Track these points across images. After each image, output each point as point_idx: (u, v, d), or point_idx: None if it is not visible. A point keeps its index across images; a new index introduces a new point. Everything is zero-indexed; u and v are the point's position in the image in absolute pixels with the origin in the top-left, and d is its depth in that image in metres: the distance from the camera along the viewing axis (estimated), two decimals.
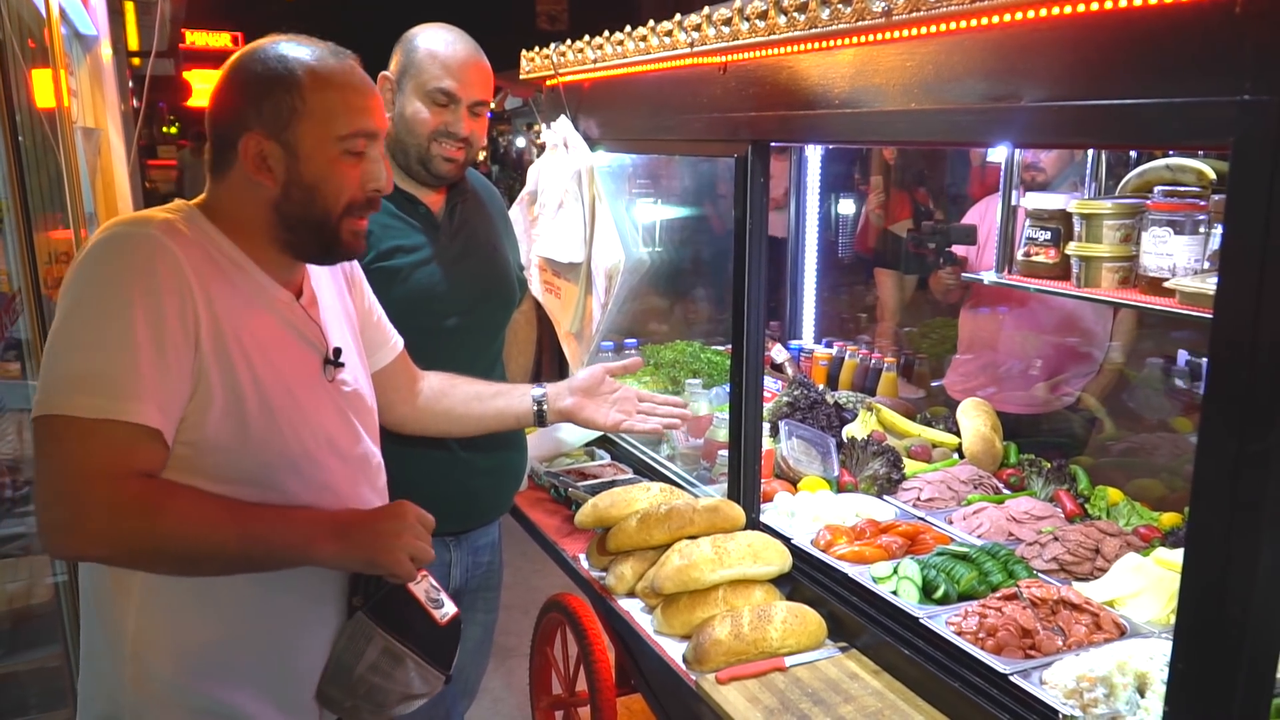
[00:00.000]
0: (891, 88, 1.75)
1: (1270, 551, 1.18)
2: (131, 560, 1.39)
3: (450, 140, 2.19)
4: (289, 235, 1.51)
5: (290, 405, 1.49)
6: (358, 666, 1.52)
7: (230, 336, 1.42)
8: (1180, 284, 1.93)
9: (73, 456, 1.32)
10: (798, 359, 3.64)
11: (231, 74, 1.49)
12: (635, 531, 2.31)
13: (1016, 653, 1.76)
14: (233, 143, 1.47)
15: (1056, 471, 2.58)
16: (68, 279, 1.38)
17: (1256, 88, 1.13)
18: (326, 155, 1.48)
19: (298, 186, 1.48)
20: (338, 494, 1.56)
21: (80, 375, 1.33)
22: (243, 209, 1.50)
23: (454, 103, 2.18)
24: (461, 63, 2.18)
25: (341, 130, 1.48)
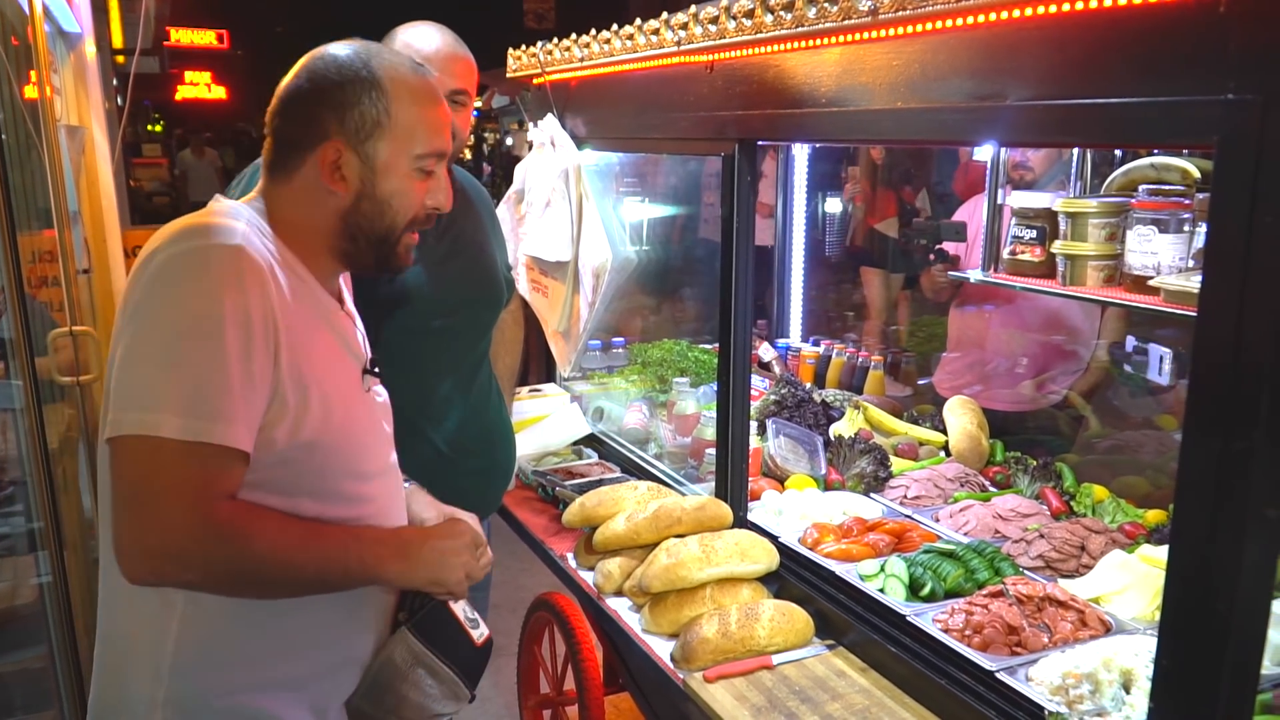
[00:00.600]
0: (878, 87, 1.76)
1: (1254, 548, 1.19)
2: (217, 585, 1.36)
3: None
4: (349, 245, 1.51)
5: (346, 418, 1.48)
6: (397, 681, 1.52)
7: (301, 352, 1.40)
8: (1165, 282, 1.94)
9: (165, 480, 1.28)
10: (785, 357, 3.64)
11: (310, 78, 1.46)
12: (623, 530, 2.31)
13: (1003, 650, 1.77)
14: (305, 148, 1.45)
15: (1042, 469, 2.59)
16: (145, 289, 1.33)
17: (1240, 86, 1.14)
18: (401, 170, 1.48)
19: (369, 199, 1.48)
20: (378, 506, 1.56)
21: (172, 394, 1.28)
22: (305, 215, 1.48)
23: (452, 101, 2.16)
24: (435, 52, 2.16)
25: (420, 149, 1.49)
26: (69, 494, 3.04)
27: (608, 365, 3.57)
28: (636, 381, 3.43)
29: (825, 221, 5.30)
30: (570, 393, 3.38)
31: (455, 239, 2.29)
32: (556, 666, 2.92)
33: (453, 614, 1.57)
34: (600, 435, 3.18)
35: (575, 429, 3.12)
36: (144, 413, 1.27)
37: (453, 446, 2.24)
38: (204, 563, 1.30)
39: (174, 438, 1.27)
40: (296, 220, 1.48)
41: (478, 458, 2.32)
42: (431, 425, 2.23)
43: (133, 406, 1.28)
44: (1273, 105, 1.10)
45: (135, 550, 1.29)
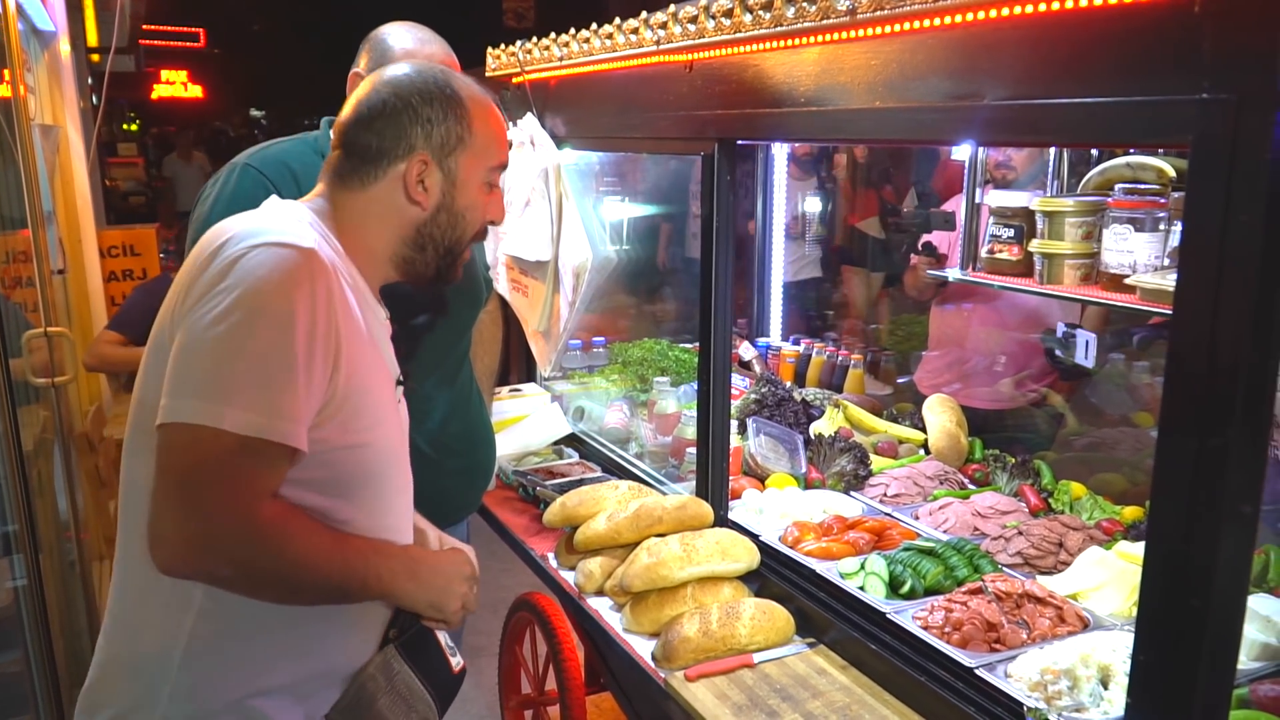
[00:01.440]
0: (856, 86, 1.76)
1: (1230, 544, 1.20)
2: (247, 583, 1.36)
3: None
4: (416, 254, 1.55)
5: (385, 429, 1.51)
6: (378, 697, 1.51)
7: (356, 358, 1.40)
8: (1141, 280, 1.96)
9: (217, 472, 1.27)
10: (765, 356, 3.65)
11: (396, 94, 1.50)
12: (604, 530, 2.31)
13: (982, 646, 1.78)
14: (389, 160, 1.49)
15: (1021, 467, 2.61)
16: (213, 280, 1.32)
17: (1214, 86, 1.15)
18: (476, 184, 1.55)
19: (448, 211, 1.53)
20: (398, 518, 1.57)
21: (237, 387, 1.28)
22: (378, 224, 1.52)
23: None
24: (438, 62, 2.16)
25: (492, 162, 1.57)
26: (44, 497, 3.01)
27: (588, 365, 3.57)
28: (617, 381, 3.43)
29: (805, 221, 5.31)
30: (551, 392, 3.37)
31: None
32: (538, 666, 2.92)
33: (436, 639, 1.58)
34: (581, 435, 3.17)
35: (556, 429, 3.12)
36: (207, 402, 1.27)
37: (434, 446, 2.23)
38: (242, 559, 1.30)
39: (235, 431, 1.26)
40: (366, 228, 1.52)
41: (459, 458, 2.31)
42: (413, 424, 2.22)
43: (194, 394, 1.28)
44: (1247, 105, 1.11)
45: (176, 538, 1.28)
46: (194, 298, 1.33)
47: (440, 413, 2.27)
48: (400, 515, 1.58)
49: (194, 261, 1.38)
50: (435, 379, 2.27)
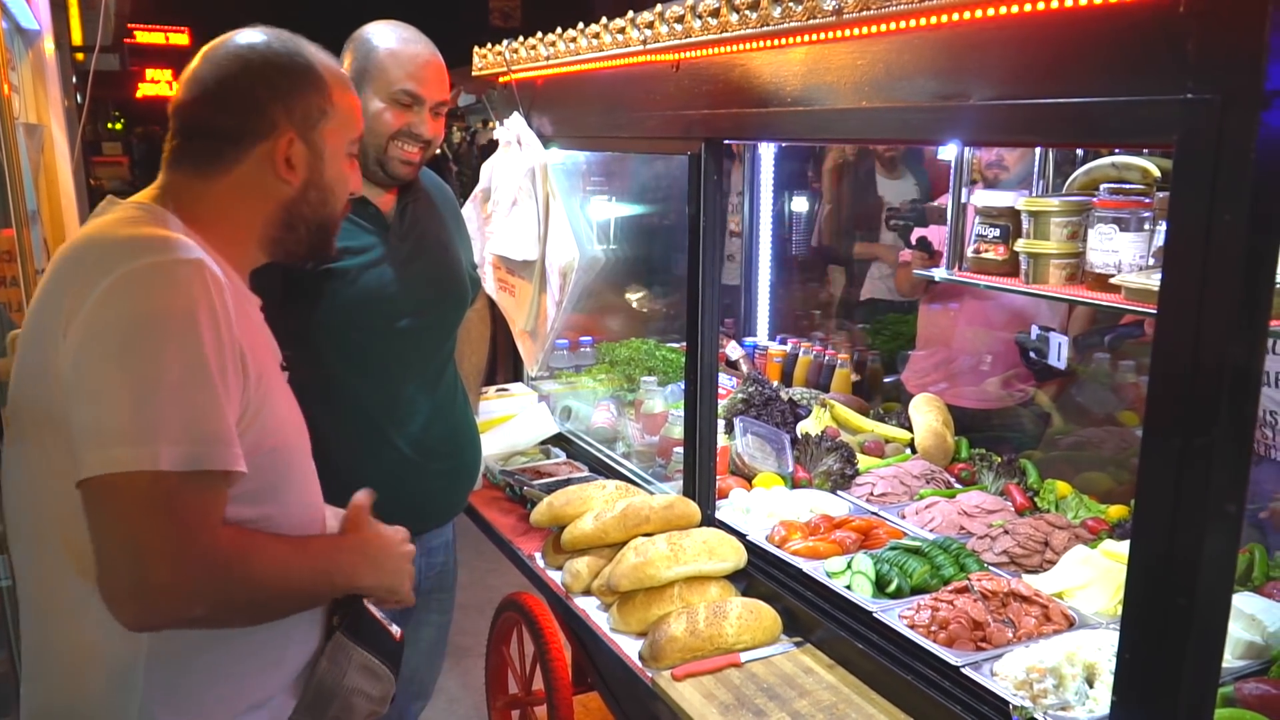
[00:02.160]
0: (843, 86, 1.76)
1: (1213, 542, 1.20)
2: (225, 617, 1.31)
3: (411, 141, 2.16)
4: (286, 234, 1.49)
5: (290, 418, 1.46)
6: (341, 684, 1.50)
7: (253, 358, 1.34)
8: (1126, 280, 1.96)
9: (167, 515, 1.20)
10: (752, 356, 3.65)
11: (245, 68, 1.41)
12: (591, 529, 2.30)
13: (968, 645, 1.78)
14: (251, 139, 1.41)
15: (1007, 466, 2.61)
16: (102, 308, 1.23)
17: (1199, 86, 1.15)
18: (341, 156, 1.50)
19: (316, 187, 1.48)
20: (317, 503, 1.54)
21: (165, 422, 1.20)
22: (243, 209, 1.44)
23: (418, 104, 2.15)
24: (425, 63, 2.16)
25: (353, 133, 1.52)
26: None
27: (575, 364, 3.56)
28: (604, 381, 3.43)
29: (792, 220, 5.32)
30: (538, 392, 3.37)
31: (419, 239, 2.27)
32: (525, 666, 2.91)
33: (371, 612, 1.57)
34: (568, 434, 3.17)
35: (543, 428, 3.11)
36: (136, 446, 1.19)
37: (418, 449, 2.23)
38: (215, 596, 1.25)
39: (175, 469, 1.20)
40: (231, 215, 1.43)
41: (444, 460, 2.30)
42: (396, 428, 2.21)
43: (120, 441, 1.19)
44: (1231, 105, 1.12)
45: (142, 594, 1.20)
46: (85, 330, 1.23)
47: (423, 415, 2.26)
48: (318, 502, 1.55)
49: (67, 279, 1.28)
50: (420, 381, 2.26)
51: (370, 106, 2.11)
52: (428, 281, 2.28)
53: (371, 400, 2.18)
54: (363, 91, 2.11)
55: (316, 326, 2.12)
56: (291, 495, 1.44)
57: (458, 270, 2.39)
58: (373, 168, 2.15)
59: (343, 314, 2.12)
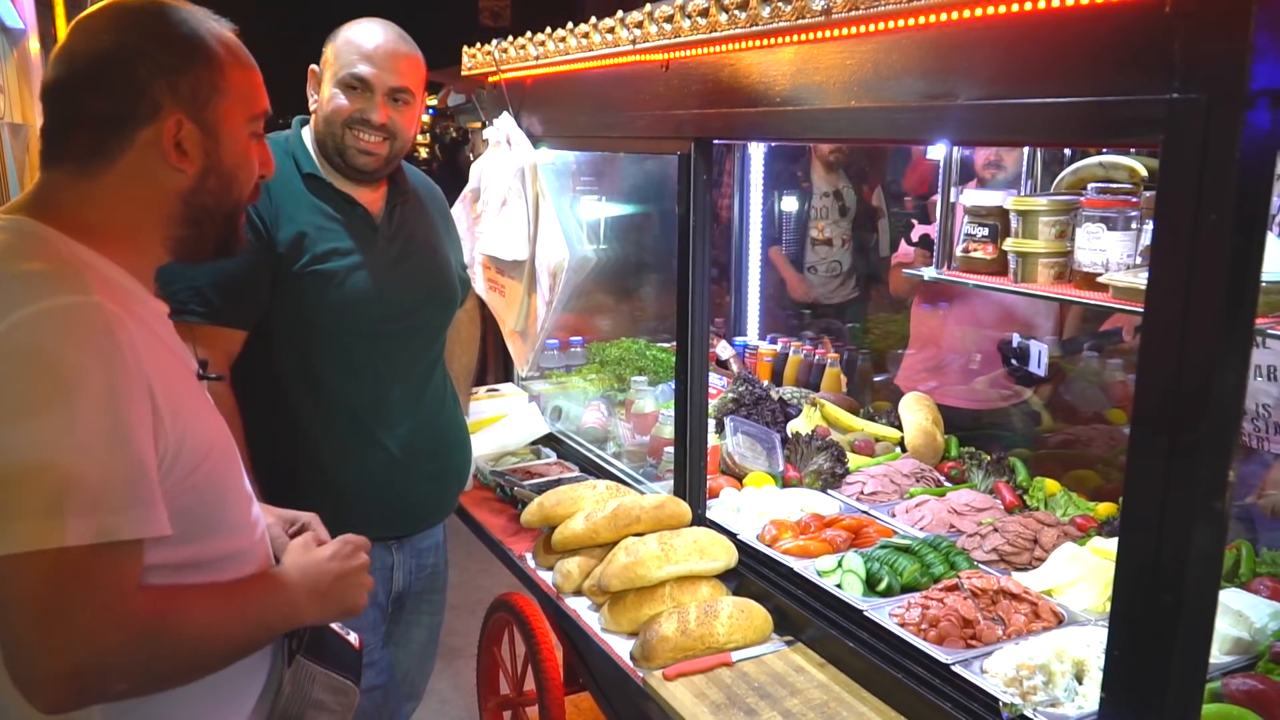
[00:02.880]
0: (832, 86, 1.77)
1: (1201, 539, 1.21)
2: (153, 686, 1.22)
3: (365, 129, 2.11)
4: (190, 230, 1.32)
5: (216, 437, 1.33)
6: (305, 707, 1.43)
7: (165, 386, 1.20)
8: (1113, 279, 1.97)
9: (79, 594, 1.09)
10: (743, 355, 3.66)
11: (121, 43, 1.23)
12: (581, 529, 2.30)
13: (958, 643, 1.79)
14: (133, 125, 1.24)
15: (996, 464, 2.62)
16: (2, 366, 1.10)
17: (1185, 86, 1.16)
18: (241, 137, 1.34)
19: (216, 174, 1.31)
20: (249, 519, 1.41)
21: (70, 492, 1.08)
22: (136, 207, 1.27)
23: (368, 89, 2.10)
24: (377, 48, 2.11)
25: (255, 109, 1.36)
26: None
27: (566, 364, 3.56)
28: (595, 380, 3.43)
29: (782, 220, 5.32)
30: (528, 392, 3.37)
31: (407, 240, 2.27)
32: (516, 667, 2.91)
33: (330, 628, 1.51)
34: (559, 434, 3.17)
35: (533, 428, 3.11)
36: (39, 520, 1.07)
37: (406, 450, 2.22)
38: (136, 669, 1.15)
39: (84, 544, 1.08)
40: (123, 215, 1.27)
41: (432, 461, 2.30)
42: (384, 429, 2.21)
43: (18, 516, 1.07)
44: (1216, 105, 1.12)
45: (56, 678, 1.10)
46: None
47: (412, 417, 2.25)
48: (253, 520, 1.43)
49: None
50: (408, 384, 2.26)
51: (326, 92, 2.12)
52: (416, 284, 2.26)
53: (360, 402, 2.18)
54: (324, 79, 2.13)
55: (304, 328, 2.11)
56: (226, 523, 1.34)
57: (447, 272, 2.38)
58: (333, 159, 2.14)
59: (331, 316, 2.11)
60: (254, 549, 1.40)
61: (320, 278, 2.09)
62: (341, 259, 2.13)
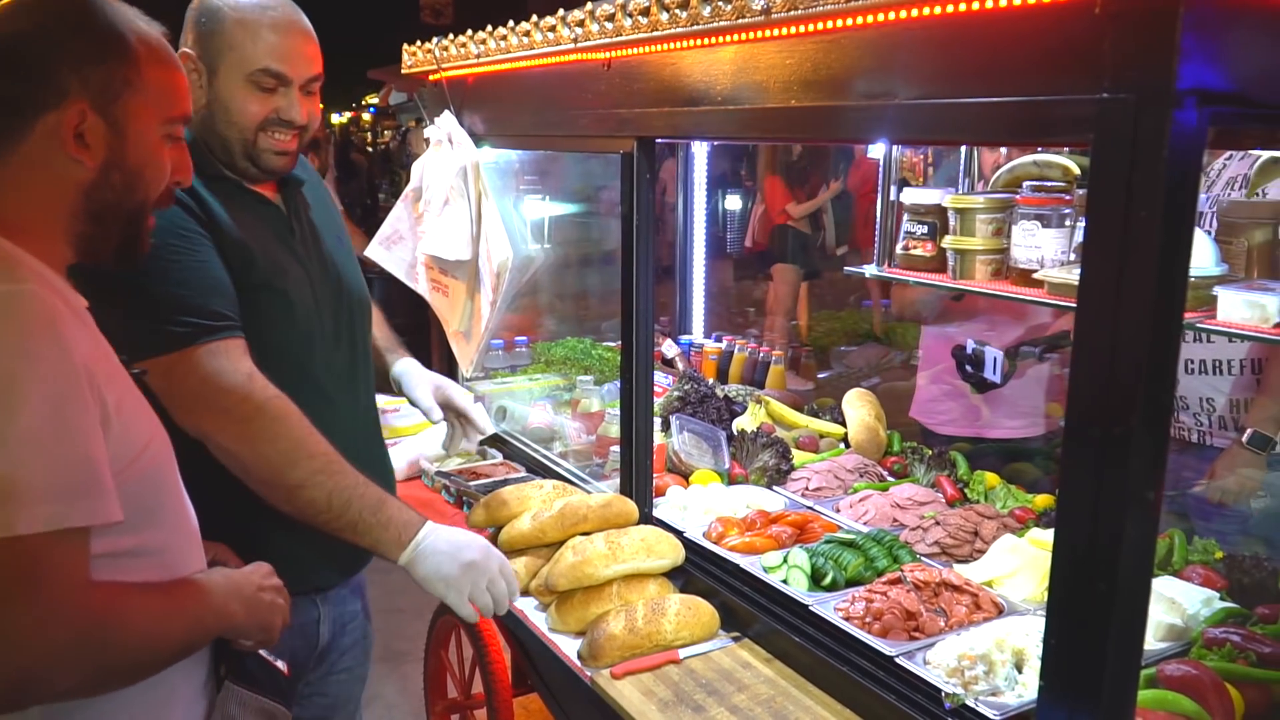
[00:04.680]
0: (772, 85, 1.78)
1: (1133, 529, 1.24)
2: (100, 683, 1.20)
3: (283, 129, 1.86)
4: (93, 227, 1.29)
5: (151, 425, 1.32)
6: None
7: (101, 377, 1.20)
8: (1048, 275, 2.01)
9: (32, 585, 1.09)
10: (688, 354, 3.67)
11: (33, 26, 1.22)
12: (528, 529, 2.29)
13: (901, 635, 1.81)
14: (34, 111, 1.21)
15: (937, 458, 2.66)
16: None
17: (1114, 86, 1.18)
18: (152, 138, 1.30)
19: (120, 170, 1.28)
20: (190, 516, 1.42)
21: (19, 479, 1.08)
22: (33, 198, 1.24)
23: (284, 85, 1.84)
24: (286, 33, 1.83)
25: (171, 111, 1.33)
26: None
27: (511, 364, 3.55)
28: (540, 380, 3.42)
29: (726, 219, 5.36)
30: (473, 392, 3.34)
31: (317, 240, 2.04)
32: (464, 670, 2.89)
33: (256, 654, 1.49)
34: (504, 435, 3.15)
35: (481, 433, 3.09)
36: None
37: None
38: (86, 664, 1.14)
39: (34, 532, 1.08)
40: (22, 205, 1.24)
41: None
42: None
43: None
44: (1145, 104, 1.15)
45: (5, 674, 1.09)
46: None
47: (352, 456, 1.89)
48: (192, 518, 1.43)
49: None
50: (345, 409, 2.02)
51: (227, 90, 1.82)
52: (345, 291, 2.04)
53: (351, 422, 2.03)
54: (217, 72, 1.81)
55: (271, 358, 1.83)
56: (165, 512, 1.34)
57: (358, 269, 2.15)
58: (242, 163, 1.88)
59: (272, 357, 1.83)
60: (190, 542, 1.40)
61: (276, 304, 1.87)
62: (284, 276, 1.90)
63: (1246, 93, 1.20)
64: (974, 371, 2.70)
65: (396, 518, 1.80)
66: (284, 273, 1.91)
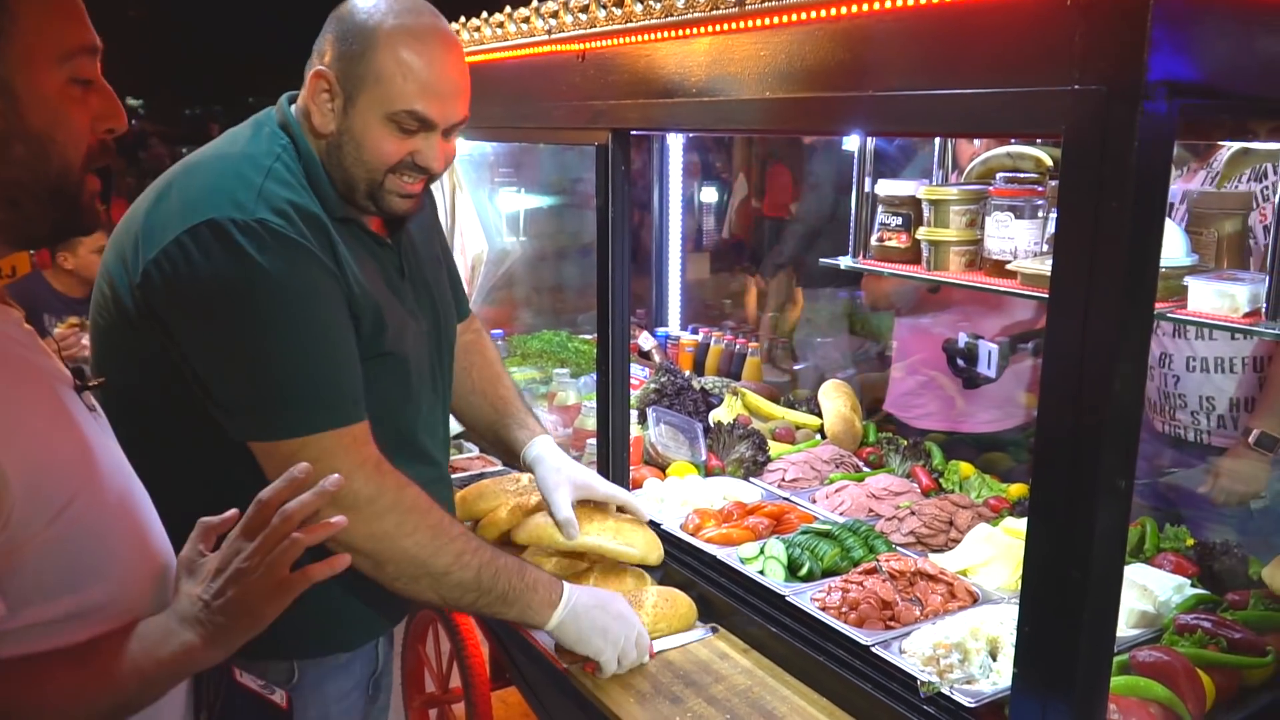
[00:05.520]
0: (747, 76, 1.78)
1: (1105, 517, 1.25)
2: None
3: (415, 174, 1.68)
4: (6, 214, 1.07)
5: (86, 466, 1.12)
6: None
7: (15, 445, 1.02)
8: (1021, 266, 2.02)
9: None
10: (664, 346, 3.67)
11: None
12: (505, 523, 2.28)
13: (877, 624, 1.82)
14: None
15: (913, 448, 2.68)
16: None
17: (1085, 77, 1.19)
18: (51, 88, 1.05)
19: (22, 140, 1.04)
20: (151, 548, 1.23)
21: None
22: None
23: (427, 129, 1.64)
24: (442, 72, 1.63)
25: (67, 43, 1.06)
26: None
27: None
28: (516, 374, 3.41)
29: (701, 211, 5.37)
30: None
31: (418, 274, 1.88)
32: (442, 664, 2.88)
33: (247, 689, 1.34)
34: None
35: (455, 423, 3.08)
36: None
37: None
38: None
39: None
40: None
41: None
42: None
43: None
44: (1115, 96, 1.16)
45: None
46: None
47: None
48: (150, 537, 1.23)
49: None
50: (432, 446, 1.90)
51: (363, 123, 1.61)
52: (435, 326, 1.88)
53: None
54: (355, 102, 1.61)
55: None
56: (116, 564, 1.14)
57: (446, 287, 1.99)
58: (362, 201, 1.67)
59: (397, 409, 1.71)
60: (151, 586, 1.20)
61: (390, 365, 1.69)
62: (404, 332, 1.72)
63: (1216, 84, 1.22)
64: (966, 366, 2.68)
65: (541, 579, 1.73)
66: (403, 334, 1.72)
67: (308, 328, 1.53)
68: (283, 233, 1.51)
